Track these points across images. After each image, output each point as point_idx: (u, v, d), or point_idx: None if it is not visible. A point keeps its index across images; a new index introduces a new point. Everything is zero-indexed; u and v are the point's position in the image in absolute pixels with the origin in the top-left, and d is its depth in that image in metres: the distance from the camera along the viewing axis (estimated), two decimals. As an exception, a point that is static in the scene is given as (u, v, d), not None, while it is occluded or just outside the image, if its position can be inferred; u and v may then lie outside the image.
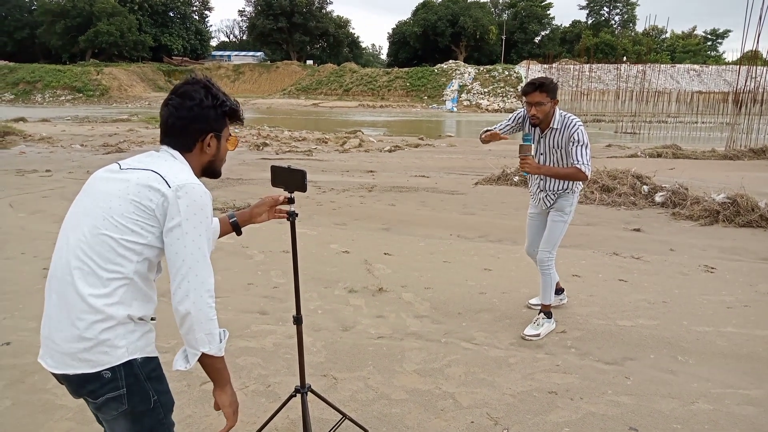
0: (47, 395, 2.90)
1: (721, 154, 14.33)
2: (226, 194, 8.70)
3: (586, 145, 3.40)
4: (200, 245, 1.50)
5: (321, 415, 2.73)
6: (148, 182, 1.48)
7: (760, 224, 6.81)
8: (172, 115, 1.59)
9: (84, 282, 1.44)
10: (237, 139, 1.77)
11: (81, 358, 1.44)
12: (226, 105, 1.64)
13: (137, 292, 1.50)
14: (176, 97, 1.59)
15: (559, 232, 3.70)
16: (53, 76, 52.33)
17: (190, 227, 1.48)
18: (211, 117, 1.61)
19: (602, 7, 77.14)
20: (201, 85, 1.61)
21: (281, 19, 66.42)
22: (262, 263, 5.23)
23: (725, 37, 75.71)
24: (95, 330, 1.43)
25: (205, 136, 1.62)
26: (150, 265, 1.52)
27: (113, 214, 1.46)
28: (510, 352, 3.52)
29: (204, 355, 1.53)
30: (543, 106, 3.39)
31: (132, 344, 1.49)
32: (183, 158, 1.61)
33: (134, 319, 1.49)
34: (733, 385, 3.12)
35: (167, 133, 1.61)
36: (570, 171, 3.42)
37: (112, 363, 1.45)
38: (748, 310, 4.22)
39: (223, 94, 1.65)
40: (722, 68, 51.48)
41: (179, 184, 1.48)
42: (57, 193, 8.51)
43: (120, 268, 1.46)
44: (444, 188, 9.59)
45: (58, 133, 19.16)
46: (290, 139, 18.40)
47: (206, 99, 1.59)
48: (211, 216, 1.57)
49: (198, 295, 1.48)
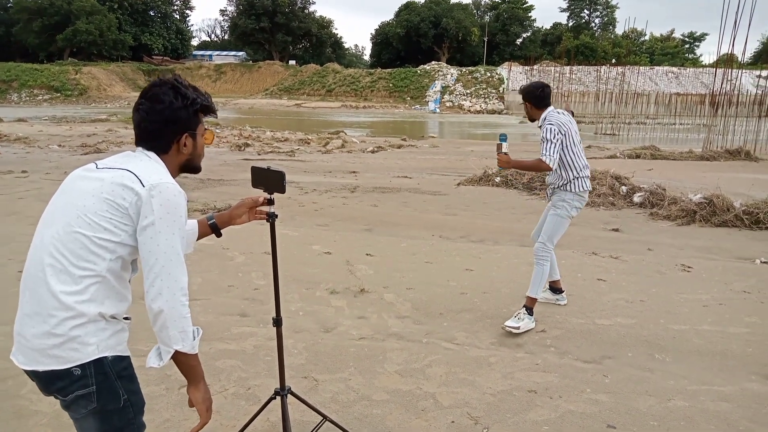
0: (21, 401, 2.85)
1: (698, 155, 14.59)
2: (207, 195, 8.62)
3: (549, 140, 3.75)
4: (173, 244, 1.50)
5: (302, 417, 2.71)
6: (122, 181, 1.48)
7: (735, 224, 6.95)
8: (144, 119, 1.58)
9: (56, 279, 1.45)
10: (213, 133, 1.76)
11: (51, 355, 1.45)
12: (197, 102, 1.62)
13: (110, 291, 1.50)
14: (146, 101, 1.58)
15: (554, 225, 3.95)
16: (30, 75, 51.35)
17: (164, 226, 1.48)
18: (183, 117, 1.60)
19: (582, 10, 78.05)
20: (169, 86, 1.59)
21: (263, 19, 65.98)
22: (243, 265, 5.20)
23: (702, 40, 77.11)
24: (66, 326, 1.44)
25: (180, 137, 1.61)
26: (123, 263, 1.52)
27: (87, 212, 1.47)
28: (490, 352, 3.54)
29: (177, 352, 1.53)
30: (527, 109, 3.96)
31: (102, 342, 1.49)
32: (159, 159, 1.60)
33: (106, 317, 1.50)
34: (708, 382, 3.18)
35: (141, 137, 1.61)
36: (533, 162, 3.84)
37: (82, 360, 1.46)
38: (723, 308, 4.30)
39: (193, 90, 1.64)
40: (699, 71, 52.37)
41: (153, 183, 1.48)
42: (33, 195, 8.35)
43: (92, 265, 1.46)
44: (426, 189, 9.62)
45: (35, 133, 18.81)
46: (272, 139, 18.30)
47: (176, 100, 1.58)
48: (185, 215, 1.57)
49: (171, 293, 1.49)
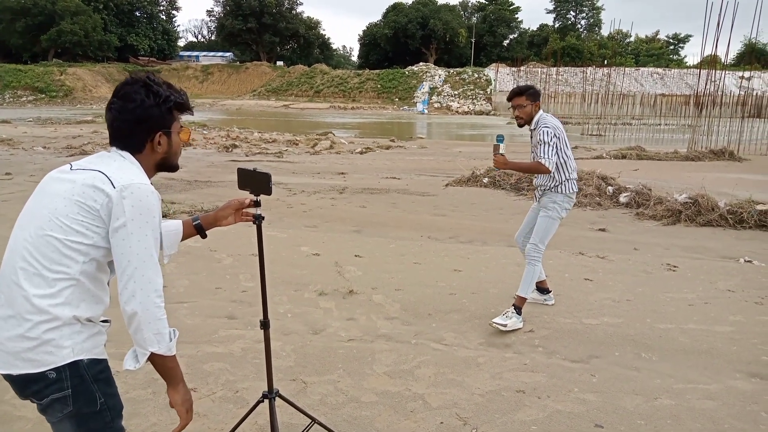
0: (5, 406, 2.81)
1: (683, 155, 14.76)
2: (194, 197, 8.56)
3: (546, 143, 3.76)
4: (146, 245, 1.47)
5: (290, 420, 2.70)
6: (93, 183, 1.46)
7: (720, 223, 7.04)
8: (116, 119, 1.56)
9: (29, 282, 1.43)
10: (189, 130, 1.73)
11: (25, 358, 1.43)
12: (170, 100, 1.60)
13: (85, 293, 1.49)
14: (117, 100, 1.56)
15: (544, 226, 3.95)
16: (14, 76, 50.67)
17: (135, 227, 1.46)
18: (155, 115, 1.57)
19: (568, 12, 78.73)
20: (140, 84, 1.57)
21: (250, 20, 65.72)
22: (230, 267, 5.17)
23: (686, 41, 78.07)
24: (39, 330, 1.42)
25: (153, 136, 1.59)
26: (99, 265, 1.51)
27: (58, 215, 1.45)
28: (479, 352, 3.55)
29: (154, 354, 1.51)
30: (523, 108, 3.88)
31: (78, 345, 1.47)
32: (133, 158, 1.58)
33: (81, 320, 1.48)
34: (694, 381, 3.21)
35: (114, 136, 1.59)
36: (532, 164, 3.85)
37: (56, 363, 1.44)
38: (708, 306, 4.35)
39: (167, 87, 1.61)
40: (684, 72, 53.04)
41: (124, 185, 1.46)
42: (17, 197, 8.24)
43: (65, 268, 1.45)
44: (415, 190, 9.64)
45: (20, 134, 18.59)
46: (260, 140, 18.22)
47: (148, 98, 1.55)
48: (159, 216, 1.54)
49: (145, 294, 1.47)
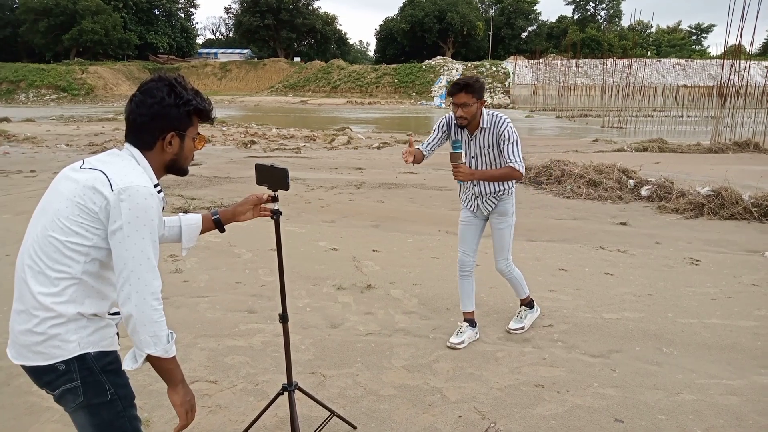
0: (33, 397, 2.88)
1: (706, 147, 14.47)
2: (214, 193, 8.65)
3: (516, 141, 3.28)
4: (143, 248, 1.48)
5: (309, 412, 2.73)
6: (93, 184, 1.47)
7: (744, 216, 6.90)
8: (134, 111, 1.58)
9: (35, 280, 1.47)
10: (205, 138, 1.74)
11: (36, 351, 1.48)
12: (192, 104, 1.61)
13: (89, 291, 1.51)
14: (140, 93, 1.58)
15: (509, 237, 3.58)
16: (37, 76, 51.64)
17: (132, 230, 1.46)
18: (172, 115, 1.58)
19: (588, 3, 77.52)
20: (165, 83, 1.58)
21: (268, 16, 65.99)
22: (250, 262, 5.22)
23: (710, 31, 76.53)
24: (45, 326, 1.47)
25: (165, 135, 1.60)
26: (102, 264, 1.52)
27: (60, 216, 1.48)
28: (497, 347, 3.54)
29: (151, 356, 1.53)
30: (469, 107, 3.22)
31: (84, 339, 1.51)
32: (143, 156, 1.59)
33: (86, 316, 1.51)
34: (717, 376, 3.16)
35: (130, 129, 1.60)
36: (504, 171, 3.27)
37: (64, 356, 1.49)
38: (732, 301, 4.28)
39: (193, 92, 1.62)
40: (707, 62, 51.93)
41: (122, 187, 1.46)
42: (41, 194, 8.33)
43: (67, 268, 1.47)
44: (432, 184, 9.61)
45: (43, 132, 18.93)
46: (278, 136, 18.32)
47: (168, 97, 1.57)
48: (158, 217, 1.53)
49: (140, 298, 1.48)
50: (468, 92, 3.20)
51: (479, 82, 3.24)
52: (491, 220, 3.58)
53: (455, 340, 3.55)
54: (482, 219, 3.62)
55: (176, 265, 5.02)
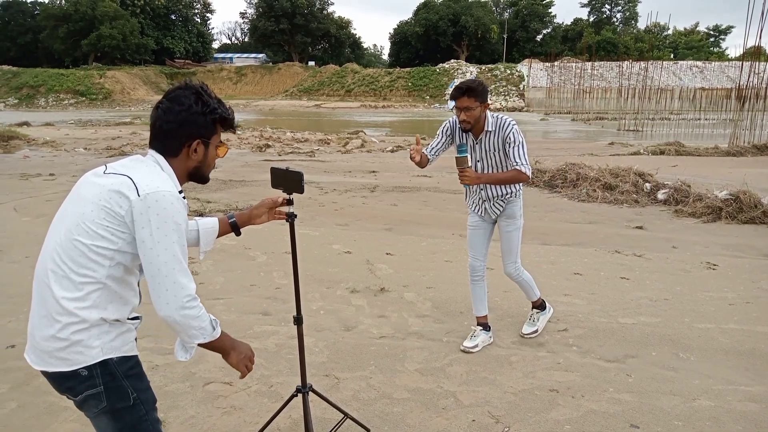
0: (52, 397, 2.92)
1: (724, 150, 14.28)
2: (229, 196, 8.73)
3: (521, 143, 3.23)
4: (174, 252, 1.50)
5: (323, 414, 2.74)
6: (119, 188, 1.49)
7: (763, 221, 6.80)
8: (160, 118, 1.60)
9: (58, 285, 1.48)
10: (227, 147, 1.76)
11: (58, 357, 1.49)
12: (217, 112, 1.63)
13: (112, 296, 1.53)
14: (167, 101, 1.60)
15: (517, 240, 3.55)
16: (56, 80, 52.48)
17: (161, 235, 1.48)
18: (199, 123, 1.61)
19: (604, 5, 77.00)
20: (192, 91, 1.61)
21: (283, 21, 66.47)
22: (264, 264, 5.26)
23: (728, 33, 75.59)
24: (68, 331, 1.48)
25: (191, 142, 1.62)
26: (126, 269, 1.54)
27: (85, 220, 1.48)
28: (511, 351, 3.53)
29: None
30: (472, 110, 3.17)
31: (106, 344, 1.52)
32: (167, 163, 1.61)
33: (109, 321, 1.52)
34: (735, 382, 3.12)
35: (155, 136, 1.62)
36: (510, 174, 3.22)
37: (87, 362, 1.49)
38: (750, 306, 4.22)
39: (217, 101, 1.65)
40: (725, 64, 51.24)
41: (148, 192, 1.48)
42: (61, 197, 8.51)
43: (92, 272, 1.48)
44: (446, 188, 9.60)
45: (62, 136, 19.24)
46: (292, 140, 18.42)
47: (195, 105, 1.59)
48: (184, 221, 1.56)
49: (178, 301, 1.50)
50: (470, 96, 3.15)
51: (482, 85, 3.20)
52: (499, 223, 3.56)
53: (469, 344, 3.55)
54: (490, 222, 3.60)
55: (192, 268, 5.06)
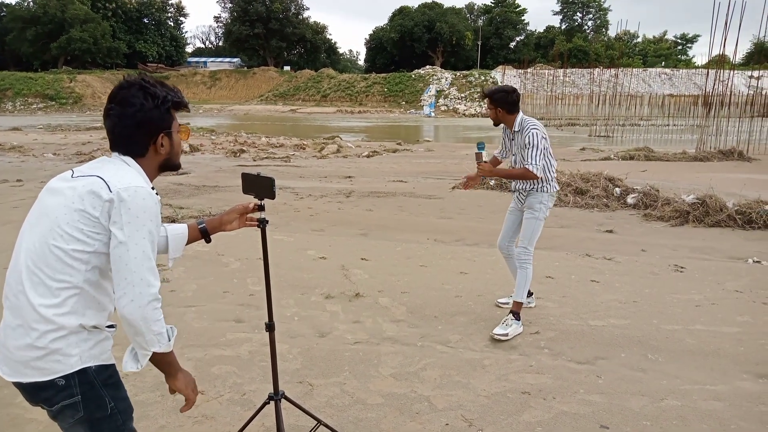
0: (16, 409, 2.85)
1: (691, 155, 14.67)
2: (203, 202, 8.63)
3: (535, 146, 3.69)
4: (144, 248, 1.47)
5: (296, 422, 2.72)
6: (92, 189, 1.46)
7: (728, 224, 7.00)
8: (117, 125, 1.55)
9: (34, 292, 1.44)
10: (188, 128, 1.73)
11: (34, 367, 1.45)
12: (168, 100, 1.59)
13: (90, 301, 1.50)
14: (116, 105, 1.54)
15: (532, 228, 3.92)
16: (24, 84, 51.18)
17: (133, 231, 1.45)
18: (156, 118, 1.56)
19: (575, 13, 78.51)
20: (137, 87, 1.55)
21: (257, 25, 66.08)
22: (238, 271, 5.21)
23: (694, 41, 77.84)
24: (46, 339, 1.44)
25: (156, 138, 1.59)
26: (101, 272, 1.51)
27: (60, 224, 1.45)
28: (485, 354, 3.56)
29: (155, 352, 1.53)
30: (492, 110, 3.85)
31: (85, 352, 1.49)
32: (135, 162, 1.58)
33: (87, 328, 1.49)
34: (701, 382, 3.20)
35: (115, 142, 1.57)
36: (520, 171, 3.77)
37: (65, 371, 1.46)
38: (716, 307, 4.33)
39: (162, 87, 1.59)
40: (692, 72, 52.68)
41: (121, 188, 1.46)
42: (28, 204, 8.31)
43: (69, 277, 1.45)
44: (421, 193, 9.65)
45: (30, 141, 18.78)
46: (268, 145, 18.31)
47: (146, 101, 1.54)
48: (157, 218, 1.53)
49: (144, 299, 1.46)
50: (489, 100, 3.83)
51: (500, 92, 3.79)
52: (524, 212, 4.02)
53: (500, 332, 3.76)
54: (521, 210, 4.08)
55: (163, 275, 4.99)
